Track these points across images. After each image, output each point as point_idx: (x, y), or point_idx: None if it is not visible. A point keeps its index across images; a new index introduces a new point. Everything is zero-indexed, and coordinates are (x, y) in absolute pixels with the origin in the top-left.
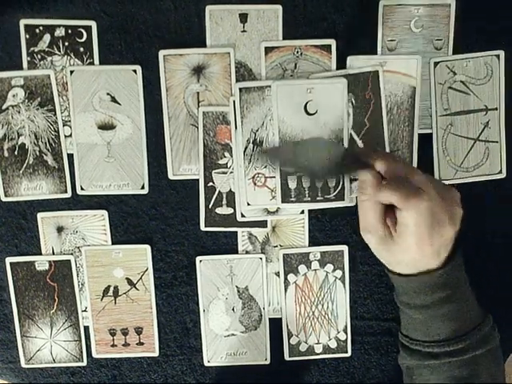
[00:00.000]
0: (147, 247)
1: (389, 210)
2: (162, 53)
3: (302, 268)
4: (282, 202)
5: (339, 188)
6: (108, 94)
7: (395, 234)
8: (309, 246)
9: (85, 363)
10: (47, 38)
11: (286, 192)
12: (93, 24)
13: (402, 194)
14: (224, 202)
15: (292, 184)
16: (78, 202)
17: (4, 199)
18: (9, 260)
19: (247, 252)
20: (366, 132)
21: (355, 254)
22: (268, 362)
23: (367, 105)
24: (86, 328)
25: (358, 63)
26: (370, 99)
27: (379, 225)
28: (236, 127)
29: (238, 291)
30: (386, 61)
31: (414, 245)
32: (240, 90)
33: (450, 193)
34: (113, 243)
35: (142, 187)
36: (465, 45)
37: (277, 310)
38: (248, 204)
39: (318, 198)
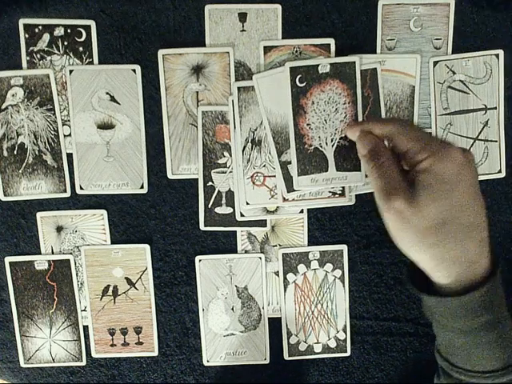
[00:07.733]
0: (146, 247)
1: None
2: (161, 52)
3: (301, 267)
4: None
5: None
6: (107, 93)
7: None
8: (308, 245)
9: (84, 363)
10: (46, 37)
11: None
12: (92, 23)
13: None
14: (223, 201)
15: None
16: (78, 202)
17: (3, 199)
18: (8, 259)
19: (246, 251)
20: None
21: (355, 254)
22: (267, 361)
23: (365, 102)
24: (86, 327)
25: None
26: (369, 96)
27: (403, 182)
28: (235, 126)
29: (238, 291)
30: (385, 60)
31: (441, 192)
32: (238, 89)
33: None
34: (112, 243)
35: (142, 187)
36: (464, 44)
37: (276, 309)
38: (247, 203)
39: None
